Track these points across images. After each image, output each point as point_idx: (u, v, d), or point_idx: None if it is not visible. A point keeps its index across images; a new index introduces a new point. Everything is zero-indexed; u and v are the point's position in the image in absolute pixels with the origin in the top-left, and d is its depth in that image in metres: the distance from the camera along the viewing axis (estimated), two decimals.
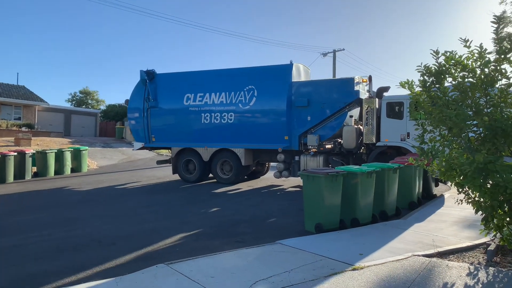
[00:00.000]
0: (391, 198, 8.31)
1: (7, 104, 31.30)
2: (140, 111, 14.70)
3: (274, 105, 12.79)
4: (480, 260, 5.36)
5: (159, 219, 8.46)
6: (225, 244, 6.41)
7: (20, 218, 8.60)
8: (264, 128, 12.91)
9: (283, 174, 12.95)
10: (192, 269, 5.00)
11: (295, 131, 12.61)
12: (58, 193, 12.17)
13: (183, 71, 14.75)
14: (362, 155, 12.03)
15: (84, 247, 6.35)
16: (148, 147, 15.21)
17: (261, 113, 13.02)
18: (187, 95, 14.02)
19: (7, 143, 22.90)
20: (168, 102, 14.42)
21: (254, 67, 13.54)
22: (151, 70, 14.57)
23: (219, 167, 13.85)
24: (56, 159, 16.52)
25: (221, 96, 13.47)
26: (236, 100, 13.23)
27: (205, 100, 13.72)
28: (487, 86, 5.23)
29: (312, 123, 12.38)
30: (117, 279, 4.79)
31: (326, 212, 6.98)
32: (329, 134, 12.34)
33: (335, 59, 35.36)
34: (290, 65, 12.85)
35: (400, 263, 5.15)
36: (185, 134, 14.14)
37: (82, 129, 36.94)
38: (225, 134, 13.47)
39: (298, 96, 12.54)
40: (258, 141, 13.01)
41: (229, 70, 13.93)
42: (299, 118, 12.53)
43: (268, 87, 12.91)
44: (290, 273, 4.81)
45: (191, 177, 14.23)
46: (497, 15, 5.06)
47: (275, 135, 12.71)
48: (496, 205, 5.02)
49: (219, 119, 13.49)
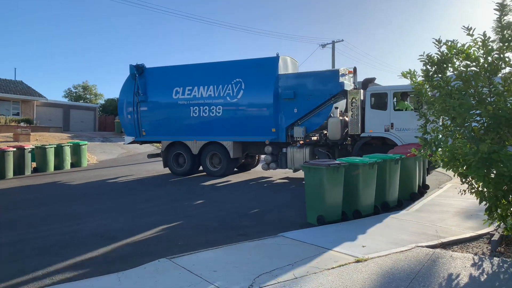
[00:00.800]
0: (392, 189, 8.27)
1: (5, 99, 31.14)
2: (130, 105, 14.80)
3: (261, 97, 12.88)
4: (484, 250, 5.33)
5: (160, 213, 8.43)
6: (227, 238, 6.37)
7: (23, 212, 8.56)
8: (251, 121, 13.02)
9: (271, 166, 13.08)
10: (194, 263, 4.97)
11: (282, 123, 12.70)
12: (57, 188, 12.14)
13: (172, 65, 14.82)
14: (347, 146, 12.12)
15: (86, 241, 6.31)
16: (138, 141, 15.38)
17: (248, 105, 13.11)
18: (176, 88, 14.10)
19: (6, 139, 22.82)
20: (157, 96, 14.50)
21: (241, 60, 13.58)
22: (140, 64, 14.64)
23: (209, 160, 14.01)
24: (56, 154, 16.45)
25: (209, 89, 13.56)
26: (224, 93, 13.32)
27: (194, 93, 13.80)
28: (491, 75, 5.16)
29: (298, 115, 12.47)
30: (119, 274, 4.76)
31: (328, 204, 6.92)
32: (315, 126, 12.46)
33: (334, 50, 35.25)
34: (276, 57, 12.87)
35: (404, 254, 5.12)
36: (175, 128, 14.26)
37: (81, 124, 36.81)
38: (213, 127, 13.58)
39: (284, 89, 12.60)
40: (245, 133, 13.12)
41: (216, 63, 14.01)
42: (285, 110, 12.60)
43: (255, 80, 12.98)
44: (293, 265, 4.78)
45: (181, 170, 14.33)
46: (500, 2, 4.97)
47: (262, 128, 12.81)
48: (500, 195, 4.98)
49: (207, 112, 13.60)
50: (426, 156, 5.82)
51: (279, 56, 12.88)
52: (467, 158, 4.77)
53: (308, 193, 7.16)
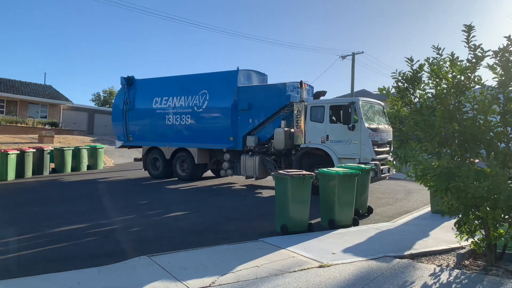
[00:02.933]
0: (364, 198, 8.89)
1: (34, 102, 32.71)
2: (121, 113, 16.17)
3: (221, 107, 13.75)
4: (450, 263, 5.48)
5: (155, 215, 8.86)
6: (211, 240, 6.71)
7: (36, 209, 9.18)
8: (213, 129, 13.95)
9: (227, 172, 13.89)
10: (170, 261, 5.35)
11: (239, 132, 13.44)
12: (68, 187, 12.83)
13: (157, 77, 16.11)
14: (292, 156, 12.47)
15: (79, 238, 6.78)
16: (126, 145, 16.79)
17: (211, 115, 14.06)
18: (156, 98, 15.32)
19: (32, 140, 23.97)
20: (141, 105, 15.79)
21: (209, 73, 14.60)
22: (130, 76, 16.07)
23: (179, 164, 15.03)
24: (73, 156, 17.29)
25: (181, 100, 14.64)
26: (193, 103, 14.33)
27: (169, 103, 14.96)
28: (460, 93, 5.36)
29: (253, 125, 13.22)
30: (100, 268, 5.18)
31: (293, 214, 7.11)
32: (267, 135, 13.08)
33: (354, 62, 35.22)
34: (236, 71, 13.67)
35: (368, 263, 5.34)
36: (153, 134, 15.53)
37: (105, 128, 37.99)
38: (183, 134, 14.68)
39: (241, 100, 13.36)
40: (208, 141, 14.09)
41: (189, 76, 15.10)
42: (242, 120, 13.40)
43: (217, 91, 13.89)
44: (259, 267, 5.09)
45: (157, 173, 15.52)
46: (467, 24, 5.19)
47: (222, 136, 13.68)
48: (462, 209, 5.15)
49: (179, 121, 14.69)
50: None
51: (239, 69, 13.70)
52: (426, 172, 4.97)
53: (277, 202, 7.44)
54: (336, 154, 11.13)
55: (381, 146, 11.35)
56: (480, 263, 5.42)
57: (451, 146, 5.28)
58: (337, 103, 11.60)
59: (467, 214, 5.27)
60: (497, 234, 5.18)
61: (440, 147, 5.40)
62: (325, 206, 7.82)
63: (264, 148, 12.95)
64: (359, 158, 10.84)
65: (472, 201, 5.06)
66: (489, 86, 5.33)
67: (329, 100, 12.12)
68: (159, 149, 15.33)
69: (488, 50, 5.07)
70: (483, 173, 4.99)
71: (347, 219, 7.74)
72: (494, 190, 4.76)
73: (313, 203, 8.09)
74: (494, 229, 5.12)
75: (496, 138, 5.23)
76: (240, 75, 13.70)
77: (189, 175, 14.71)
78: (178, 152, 14.87)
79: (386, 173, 11.22)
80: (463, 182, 4.78)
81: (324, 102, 11.90)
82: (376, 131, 11.21)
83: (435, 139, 5.31)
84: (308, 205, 7.28)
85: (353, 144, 10.97)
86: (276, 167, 12.41)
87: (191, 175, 14.68)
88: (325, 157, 11.41)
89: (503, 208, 4.86)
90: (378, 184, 13.42)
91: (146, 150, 15.81)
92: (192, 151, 14.36)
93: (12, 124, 28.16)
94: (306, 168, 11.22)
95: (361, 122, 10.87)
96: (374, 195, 11.67)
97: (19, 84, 33.29)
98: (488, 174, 4.93)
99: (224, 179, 15.34)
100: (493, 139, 5.29)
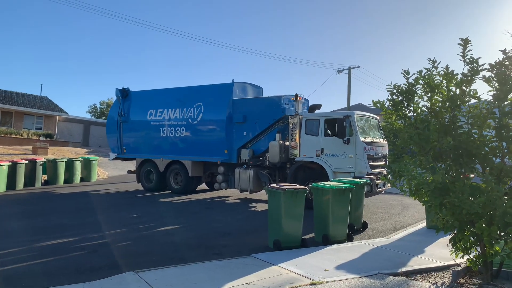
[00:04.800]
0: (359, 212, 8.75)
1: (30, 114, 32.56)
2: (115, 125, 16.08)
3: (216, 120, 13.69)
4: (445, 280, 5.35)
5: (146, 229, 8.69)
6: (201, 256, 6.55)
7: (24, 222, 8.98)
8: (207, 142, 13.86)
9: (221, 185, 13.73)
10: (157, 278, 5.19)
11: (234, 145, 13.34)
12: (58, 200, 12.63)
13: (151, 89, 16.08)
14: (286, 169, 12.39)
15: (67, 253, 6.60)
16: (120, 157, 16.53)
17: (205, 127, 14.00)
18: (150, 110, 15.26)
19: (25, 151, 23.76)
20: (136, 117, 15.71)
21: (204, 85, 14.55)
22: (125, 88, 16.02)
23: (173, 177, 14.87)
24: (66, 168, 17.10)
25: (175, 112, 14.59)
26: (187, 115, 14.28)
27: (164, 115, 14.90)
28: (455, 107, 5.29)
29: (248, 138, 13.12)
30: (85, 284, 5.01)
31: (286, 229, 6.97)
32: (261, 148, 12.99)
33: (350, 76, 35.35)
34: (231, 83, 13.63)
35: (361, 280, 5.20)
36: (148, 147, 15.41)
37: (100, 140, 37.81)
38: (177, 147, 14.57)
39: (236, 113, 13.31)
40: (202, 154, 13.93)
41: (184, 88, 15.02)
42: (237, 133, 13.31)
43: (212, 104, 13.84)
44: (249, 285, 4.93)
45: (150, 186, 15.33)
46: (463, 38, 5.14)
47: (216, 149, 13.57)
48: (457, 225, 5.03)
49: (173, 133, 14.61)
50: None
51: (234, 82, 13.66)
52: (421, 187, 4.87)
53: (269, 216, 7.31)
54: (331, 168, 11.03)
55: (377, 160, 11.26)
56: (476, 281, 5.28)
57: (445, 161, 5.19)
58: (332, 117, 11.54)
59: (462, 231, 5.16)
60: (493, 252, 5.06)
61: (434, 162, 5.30)
62: (319, 221, 7.70)
63: (258, 161, 12.84)
64: (354, 172, 10.73)
65: (467, 217, 4.95)
66: (484, 100, 5.27)
67: (324, 114, 12.06)
68: (153, 162, 15.19)
69: (483, 63, 5.02)
70: (478, 188, 4.89)
71: (341, 234, 7.60)
72: (489, 206, 4.66)
73: (308, 218, 7.98)
74: (490, 246, 5.00)
75: (491, 153, 5.15)
76: (235, 88, 13.67)
77: (183, 188, 14.56)
78: (172, 164, 14.73)
79: (382, 187, 11.10)
80: (458, 197, 4.68)
81: (319, 116, 11.84)
82: (372, 145, 11.12)
83: (429, 153, 5.21)
84: (301, 220, 7.14)
85: (348, 158, 10.86)
86: (271, 180, 12.29)
87: (185, 188, 14.53)
88: (320, 171, 11.29)
89: (499, 224, 4.75)
90: (374, 199, 13.30)
91: (139, 162, 15.67)
92: (186, 163, 14.23)
93: (6, 135, 27.95)
94: (300, 181, 11.10)
95: (356, 135, 10.79)
96: (369, 210, 11.54)
97: (15, 95, 33.19)
98: (483, 190, 4.83)
99: (218, 193, 15.17)
100: (488, 154, 5.21)
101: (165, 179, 15.03)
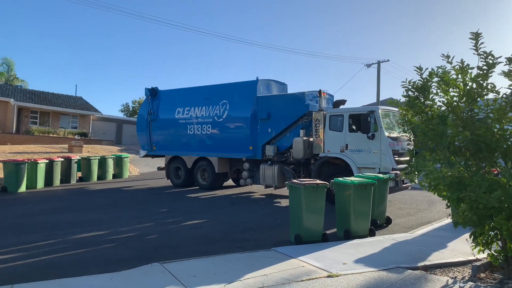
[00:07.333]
0: (382, 208, 8.75)
1: (66, 113, 33.95)
2: (145, 123, 16.67)
3: (241, 117, 13.91)
4: (465, 275, 5.33)
5: (172, 223, 9.01)
6: (224, 249, 6.77)
7: (60, 215, 9.52)
8: (233, 139, 14.11)
9: (247, 181, 13.98)
10: (180, 269, 5.45)
11: (259, 142, 13.51)
12: (92, 195, 13.22)
13: (178, 88, 16.56)
14: (311, 165, 12.40)
15: (98, 245, 6.99)
16: (150, 154, 17.09)
17: (230, 124, 14.23)
18: (178, 109, 15.70)
19: (62, 150, 24.84)
20: (164, 115, 16.21)
21: (229, 83, 14.83)
22: (154, 88, 16.57)
23: (200, 173, 15.25)
24: (99, 165, 17.80)
25: (202, 110, 14.95)
26: (213, 113, 14.61)
27: (191, 113, 15.31)
28: (472, 101, 5.26)
29: (272, 134, 13.25)
30: (113, 274, 5.32)
31: (307, 223, 7.09)
32: (286, 145, 13.05)
33: (380, 70, 34.83)
34: (255, 81, 13.78)
35: (378, 273, 5.26)
36: (176, 144, 15.87)
37: (132, 138, 38.84)
38: (204, 144, 14.97)
39: (260, 110, 13.47)
40: (228, 150, 14.24)
41: (210, 86, 15.37)
42: (262, 129, 13.47)
43: (237, 101, 14.10)
44: (267, 276, 5.10)
45: (179, 182, 15.80)
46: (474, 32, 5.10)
47: (241, 145, 13.79)
48: (476, 220, 5.01)
49: (200, 131, 14.99)
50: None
51: (258, 79, 13.81)
52: (438, 182, 4.88)
53: (291, 211, 7.43)
54: (355, 164, 11.01)
55: (402, 155, 11.15)
56: (497, 276, 5.25)
57: (465, 155, 5.16)
58: (356, 112, 11.49)
59: (482, 225, 5.13)
60: None
61: (454, 156, 5.29)
62: (340, 216, 7.76)
63: (283, 157, 12.96)
64: (379, 168, 10.67)
65: (485, 211, 4.92)
66: (503, 93, 5.21)
67: (348, 109, 12.02)
68: (181, 158, 15.63)
69: (499, 56, 4.96)
70: (497, 182, 4.85)
71: (363, 230, 7.64)
72: (507, 200, 4.62)
73: (332, 213, 8.07)
74: (510, 241, 4.95)
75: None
76: (260, 85, 13.84)
77: (209, 184, 14.90)
78: (199, 161, 15.10)
79: (408, 183, 10.98)
80: (474, 192, 4.66)
81: (343, 111, 11.81)
82: (397, 140, 11.02)
83: (447, 148, 5.20)
84: (322, 214, 7.25)
85: (373, 154, 10.82)
86: (295, 176, 12.39)
87: (212, 184, 14.86)
88: (345, 167, 11.30)
89: None
90: (401, 194, 13.16)
91: (168, 159, 16.16)
92: (213, 160, 14.56)
93: (44, 135, 29.33)
94: (325, 177, 11.14)
95: (381, 131, 10.73)
96: (396, 206, 11.46)
97: (52, 96, 34.65)
98: (503, 184, 4.79)
99: (243, 188, 15.42)
100: (510, 147, 5.15)
101: (193, 175, 15.43)
